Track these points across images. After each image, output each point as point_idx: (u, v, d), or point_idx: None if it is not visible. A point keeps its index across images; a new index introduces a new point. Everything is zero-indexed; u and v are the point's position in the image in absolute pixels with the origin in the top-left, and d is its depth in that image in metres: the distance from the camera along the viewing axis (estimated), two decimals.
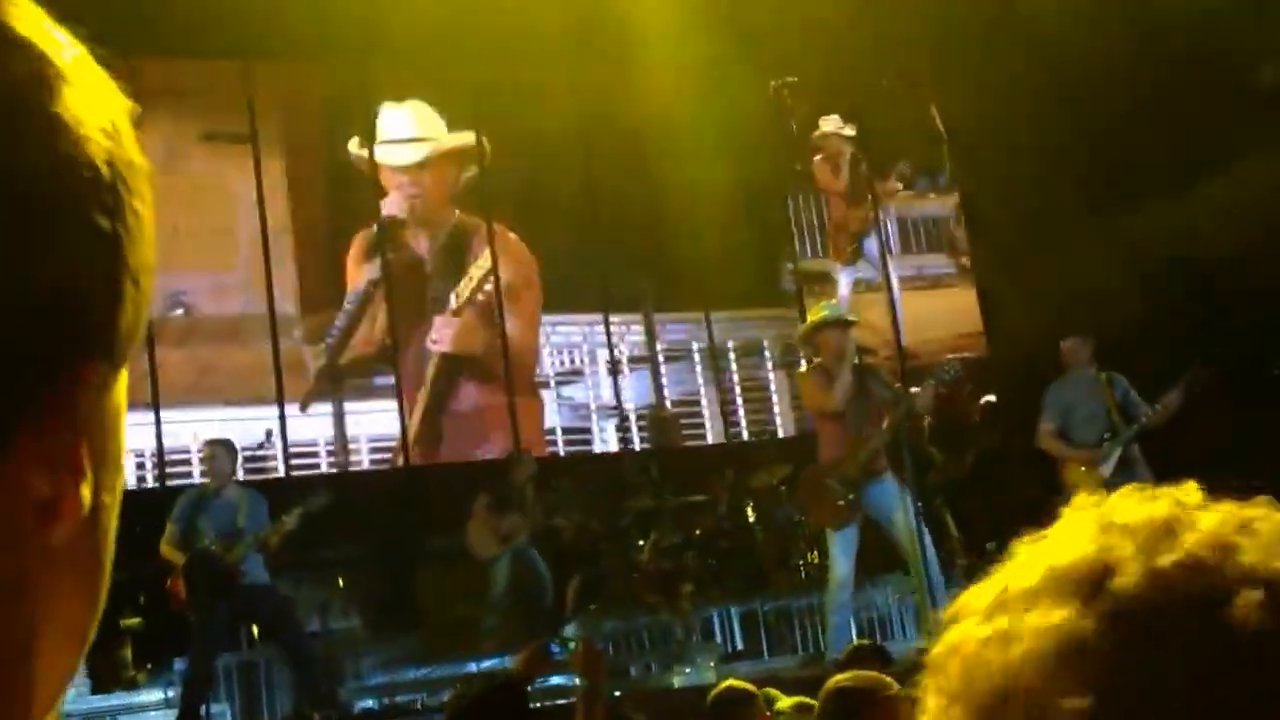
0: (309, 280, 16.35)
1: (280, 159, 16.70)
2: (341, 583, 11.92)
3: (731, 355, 16.18)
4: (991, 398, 13.70)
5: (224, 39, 14.84)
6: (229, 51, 15.49)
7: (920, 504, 9.30)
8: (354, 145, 16.51)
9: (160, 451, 13.61)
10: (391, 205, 16.66)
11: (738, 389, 16.20)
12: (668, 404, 15.88)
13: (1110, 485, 4.18)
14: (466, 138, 16.61)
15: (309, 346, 15.63)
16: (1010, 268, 15.05)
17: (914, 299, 16.31)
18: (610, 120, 15.63)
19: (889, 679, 4.35)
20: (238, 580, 9.27)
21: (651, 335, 16.40)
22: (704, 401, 15.94)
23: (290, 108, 16.88)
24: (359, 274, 16.36)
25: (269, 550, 9.54)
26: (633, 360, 16.25)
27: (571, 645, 8.47)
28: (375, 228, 16.40)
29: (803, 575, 12.12)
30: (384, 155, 16.77)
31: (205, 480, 10.02)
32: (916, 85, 16.57)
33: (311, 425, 14.90)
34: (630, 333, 16.31)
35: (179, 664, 9.86)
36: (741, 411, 15.98)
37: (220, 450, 9.79)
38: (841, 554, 9.18)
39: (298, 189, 16.69)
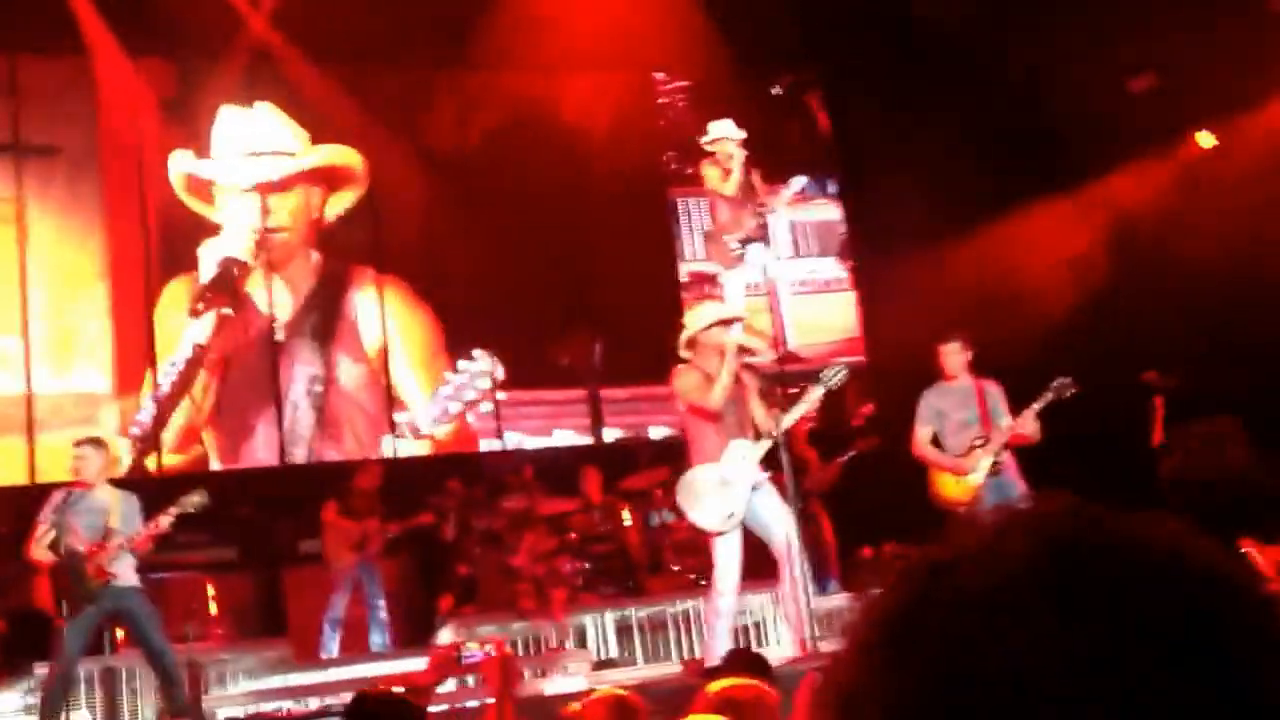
0: (128, 345, 13.60)
1: (90, 182, 13.86)
2: (210, 587, 11.68)
3: None
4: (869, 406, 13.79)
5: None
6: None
7: (796, 508, 9.27)
8: (182, 160, 14.27)
9: (31, 446, 13.00)
10: (230, 242, 14.18)
11: None
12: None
13: (981, 494, 4.16)
14: (342, 154, 14.85)
15: (124, 440, 13.05)
16: (891, 274, 15.18)
17: (802, 303, 16.40)
18: (504, 133, 15.33)
19: (767, 686, 4.32)
20: (107, 582, 9.05)
21: (599, 421, 15.03)
22: None
23: (106, 113, 14.08)
24: (176, 335, 13.65)
25: (139, 552, 9.33)
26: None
27: (487, 649, 8.38)
28: (202, 272, 13.93)
29: (676, 581, 12.10)
30: (223, 172, 14.38)
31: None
32: (806, 91, 16.70)
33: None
34: (569, 413, 14.99)
35: (39, 669, 9.60)
36: None
37: (90, 449, 9.53)
38: (729, 558, 9.10)
39: (115, 222, 13.94)
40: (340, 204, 14.96)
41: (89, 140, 14.14)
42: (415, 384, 14.64)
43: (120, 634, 10.26)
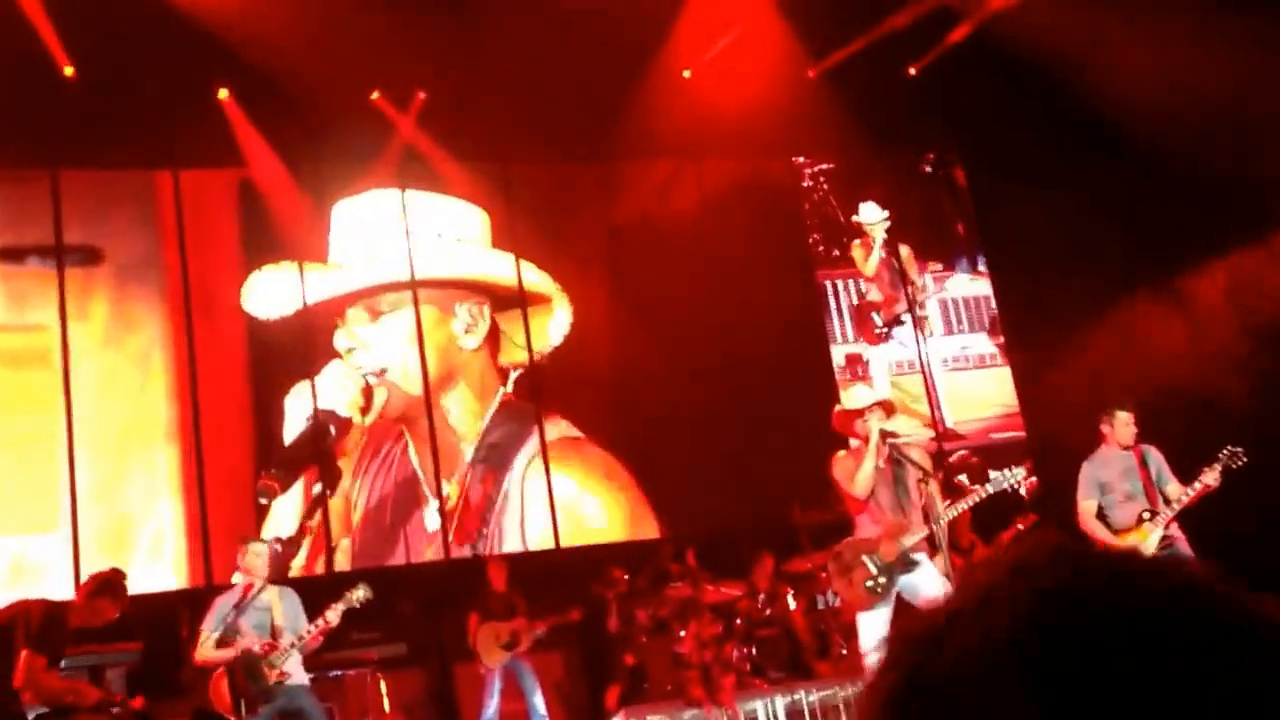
0: (218, 537, 11.45)
1: (155, 310, 11.74)
2: (383, 683, 11.81)
3: None
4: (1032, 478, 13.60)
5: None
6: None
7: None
8: (278, 275, 12.79)
9: (206, 549, 12.64)
10: (331, 386, 12.33)
11: None
12: None
13: None
14: (540, 282, 14.11)
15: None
16: (1044, 347, 15.06)
17: (957, 379, 16.26)
18: (650, 221, 15.43)
19: None
20: (282, 681, 9.21)
21: None
22: None
23: (184, 222, 12.38)
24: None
25: (308, 649, 9.48)
26: None
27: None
28: (286, 432, 12.17)
29: (845, 664, 11.99)
30: (337, 285, 12.90)
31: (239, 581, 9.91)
32: (949, 167, 16.69)
33: None
34: None
35: None
36: None
37: (262, 546, 9.72)
38: (871, 635, 9.00)
39: (196, 361, 11.78)
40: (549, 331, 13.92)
41: (144, 250, 12.26)
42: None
43: None
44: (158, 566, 11.37)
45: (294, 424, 12.44)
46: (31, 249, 11.58)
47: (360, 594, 9.48)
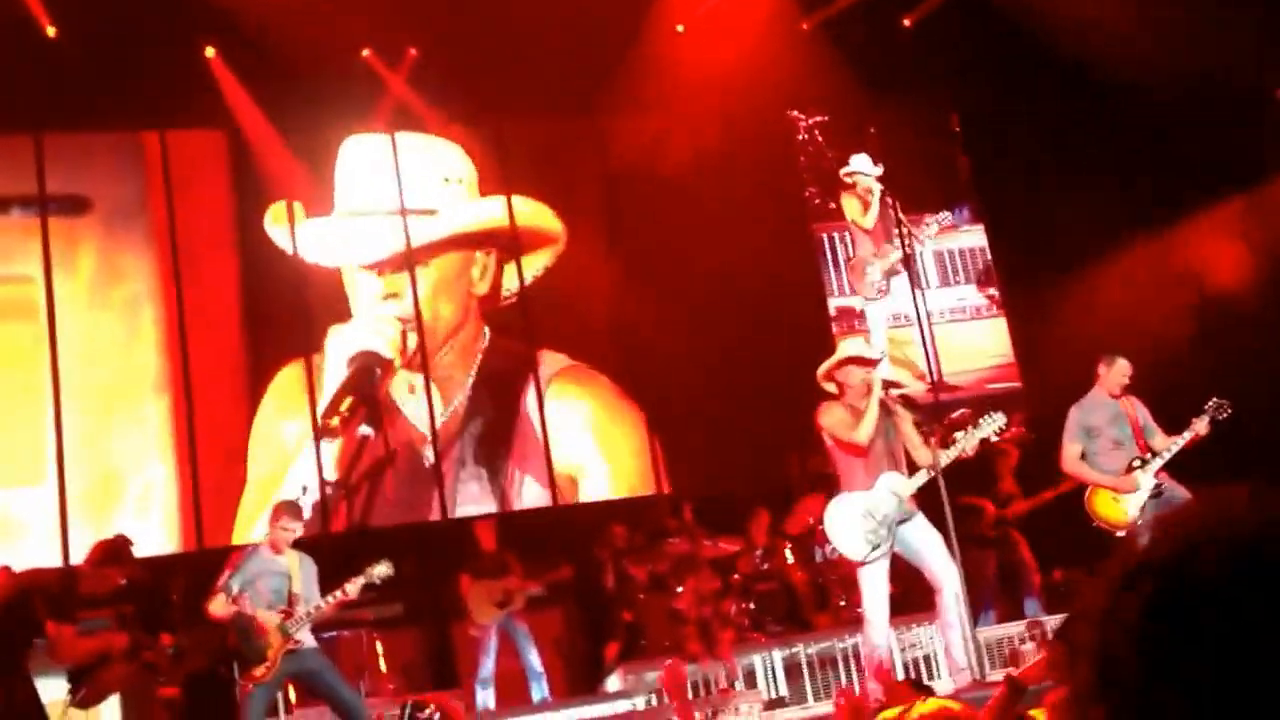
0: (208, 490, 11.18)
1: (143, 259, 11.38)
2: (379, 644, 11.79)
3: None
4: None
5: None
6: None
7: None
8: (278, 221, 12.59)
9: (197, 509, 12.41)
10: (365, 331, 12.35)
11: None
12: None
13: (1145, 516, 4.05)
14: (534, 213, 14.03)
15: None
16: (1041, 297, 15.01)
17: (952, 331, 16.17)
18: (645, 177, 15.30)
19: (957, 705, 4.24)
20: (295, 649, 9.14)
21: None
22: None
23: (171, 169, 12.03)
24: (279, 474, 10.94)
25: (323, 619, 9.41)
26: None
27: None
28: (328, 370, 12.01)
29: (844, 616, 11.99)
30: (342, 241, 12.73)
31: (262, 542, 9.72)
32: (944, 116, 16.60)
33: None
34: None
35: None
36: None
37: (296, 523, 9.52)
38: (871, 590, 9.02)
39: (185, 313, 11.46)
40: (528, 271, 13.83)
41: (132, 198, 11.95)
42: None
43: (294, 695, 10.40)
44: (146, 524, 11.21)
45: (336, 366, 12.44)
46: (15, 198, 11.42)
47: (382, 570, 9.36)
